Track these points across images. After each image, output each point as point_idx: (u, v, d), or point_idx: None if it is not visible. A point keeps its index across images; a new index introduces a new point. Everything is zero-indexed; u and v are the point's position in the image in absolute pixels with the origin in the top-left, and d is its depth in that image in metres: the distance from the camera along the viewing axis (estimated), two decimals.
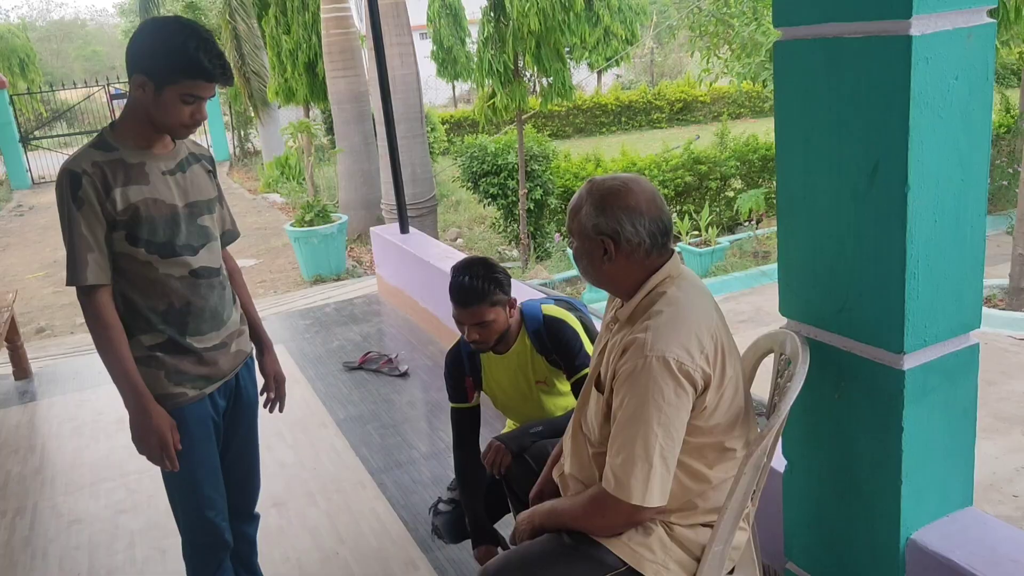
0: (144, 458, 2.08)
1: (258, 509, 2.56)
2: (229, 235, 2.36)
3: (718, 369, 1.71)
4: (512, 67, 9.61)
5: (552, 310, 2.57)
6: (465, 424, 2.62)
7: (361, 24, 13.15)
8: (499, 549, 2.53)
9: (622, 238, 1.75)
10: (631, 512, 1.69)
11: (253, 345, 2.40)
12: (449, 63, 18.73)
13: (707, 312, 1.76)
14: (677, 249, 1.88)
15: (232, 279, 2.36)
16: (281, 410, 2.48)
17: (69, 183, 1.93)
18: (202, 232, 2.14)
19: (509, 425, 2.79)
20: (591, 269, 1.83)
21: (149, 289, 2.06)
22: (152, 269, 2.04)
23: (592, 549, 1.79)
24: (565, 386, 2.58)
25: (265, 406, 2.46)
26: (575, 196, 1.83)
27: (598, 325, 2.77)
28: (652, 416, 1.64)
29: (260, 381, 2.45)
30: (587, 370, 2.43)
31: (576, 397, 2.50)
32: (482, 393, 2.67)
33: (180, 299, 2.09)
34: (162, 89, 1.92)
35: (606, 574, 1.76)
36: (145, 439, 2.04)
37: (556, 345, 2.50)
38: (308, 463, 3.71)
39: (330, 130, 14.36)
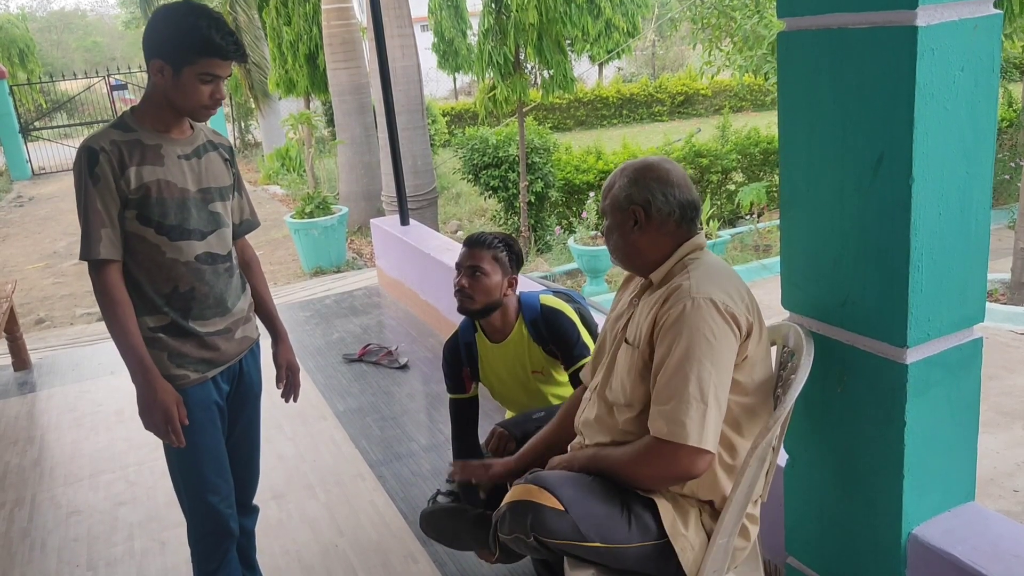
0: (143, 451, 2.08)
1: (257, 502, 2.56)
2: (247, 224, 2.39)
3: (757, 322, 1.74)
4: (513, 59, 9.57)
5: (550, 300, 2.57)
6: (463, 415, 2.62)
7: (362, 15, 13.11)
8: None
9: (653, 207, 1.80)
10: (690, 456, 1.63)
11: (259, 332, 2.41)
12: (450, 55, 18.67)
13: (738, 277, 1.81)
14: None
15: (250, 268, 2.41)
16: (295, 399, 2.51)
17: (87, 159, 1.98)
18: (213, 218, 2.17)
19: (508, 416, 2.79)
20: (621, 242, 1.87)
21: (156, 271, 2.09)
22: (160, 252, 2.07)
23: (643, 510, 1.75)
24: (563, 376, 2.58)
25: (283, 396, 2.49)
26: (609, 177, 1.90)
27: (597, 317, 2.77)
28: (704, 354, 1.64)
29: (270, 369, 2.46)
30: (585, 360, 2.44)
31: (574, 387, 2.50)
32: (481, 385, 2.67)
33: (185, 283, 2.12)
34: (180, 71, 1.98)
35: (643, 543, 1.74)
36: (150, 413, 2.05)
37: (553, 335, 2.50)
38: (307, 455, 3.70)
39: (331, 122, 14.31)
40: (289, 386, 2.48)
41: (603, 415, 1.88)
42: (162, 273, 2.09)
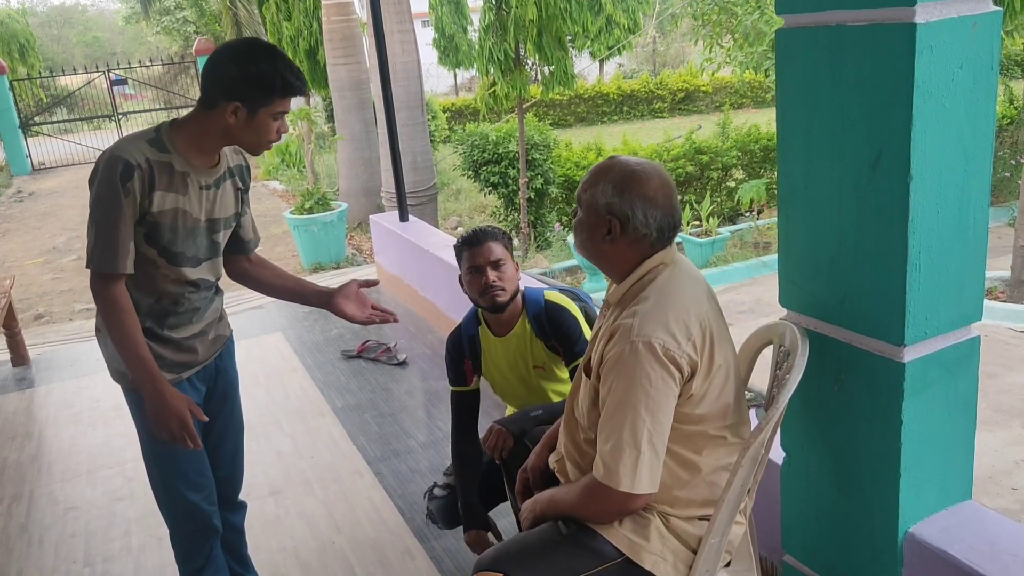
0: (140, 447, 2.07)
1: (255, 498, 2.56)
2: (253, 243, 2.40)
3: (706, 357, 1.71)
4: (513, 55, 9.56)
5: (554, 296, 2.57)
6: (464, 408, 2.63)
7: (362, 11, 13.08)
8: (490, 535, 2.53)
9: (631, 224, 1.75)
10: (623, 500, 1.68)
11: (231, 330, 2.41)
12: (451, 51, 18.62)
13: (697, 299, 1.75)
14: (678, 239, 1.87)
15: (263, 266, 2.43)
16: (396, 319, 2.38)
17: (122, 172, 1.94)
18: (213, 247, 2.19)
19: (508, 411, 2.79)
20: (589, 244, 1.83)
21: (145, 281, 2.09)
22: (155, 267, 2.08)
23: (589, 539, 1.78)
24: (563, 372, 2.58)
25: (378, 319, 2.36)
26: (596, 167, 1.82)
27: None
28: (640, 402, 1.64)
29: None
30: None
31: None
32: (483, 379, 2.67)
33: (168, 299, 2.13)
34: (256, 112, 1.99)
35: (603, 564, 1.75)
36: (164, 421, 2.04)
37: (555, 331, 2.50)
38: (305, 452, 3.70)
39: (331, 117, 14.30)
40: (382, 313, 2.35)
41: (573, 429, 1.91)
42: (150, 284, 2.09)
